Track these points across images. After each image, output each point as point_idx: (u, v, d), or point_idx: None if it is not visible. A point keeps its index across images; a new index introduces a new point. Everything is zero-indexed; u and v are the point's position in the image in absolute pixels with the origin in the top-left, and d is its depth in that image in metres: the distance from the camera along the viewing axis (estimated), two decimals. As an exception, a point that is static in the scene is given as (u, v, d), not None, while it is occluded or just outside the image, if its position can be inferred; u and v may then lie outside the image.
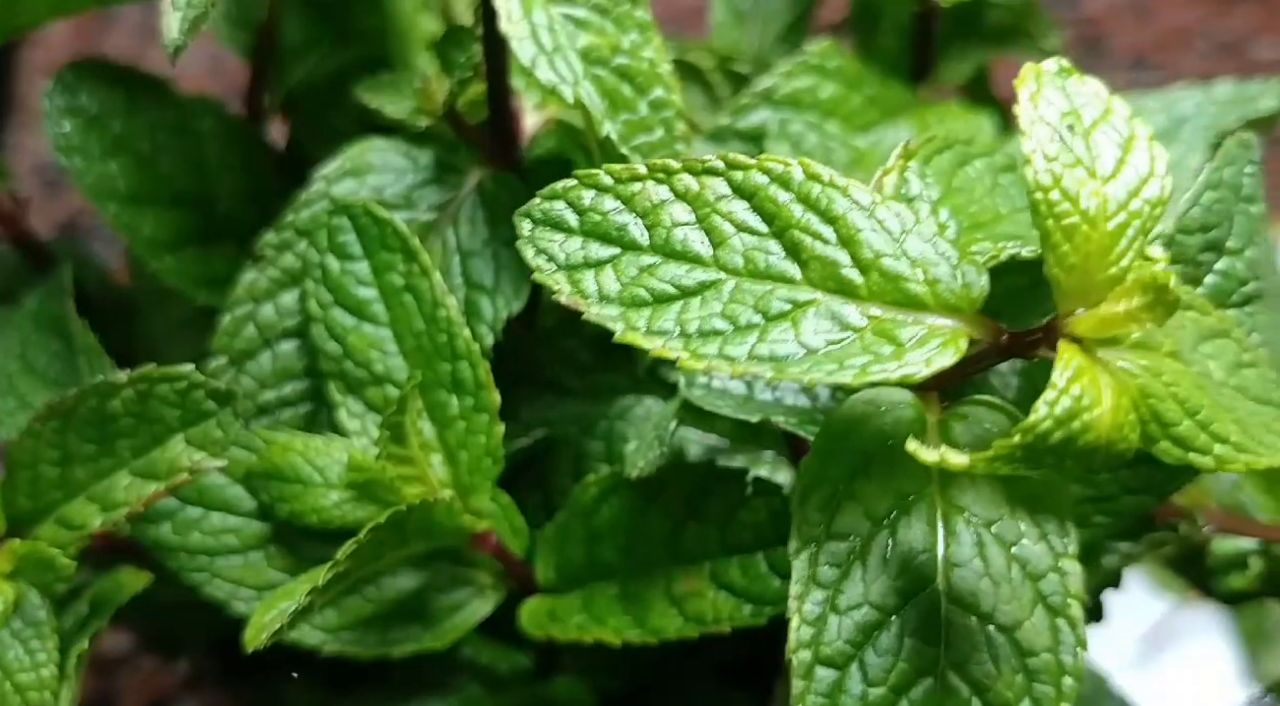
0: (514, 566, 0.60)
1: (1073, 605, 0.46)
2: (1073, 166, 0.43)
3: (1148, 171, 0.44)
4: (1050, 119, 0.43)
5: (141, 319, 0.75)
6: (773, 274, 0.45)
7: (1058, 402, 0.41)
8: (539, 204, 0.46)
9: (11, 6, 0.64)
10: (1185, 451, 0.45)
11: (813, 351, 0.43)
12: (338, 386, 0.58)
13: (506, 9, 0.52)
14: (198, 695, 0.91)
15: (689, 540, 0.57)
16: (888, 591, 0.46)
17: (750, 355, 0.43)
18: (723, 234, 0.45)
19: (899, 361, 0.43)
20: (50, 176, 1.13)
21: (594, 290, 0.45)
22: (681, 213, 0.45)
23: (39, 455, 0.55)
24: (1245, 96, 0.72)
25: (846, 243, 0.44)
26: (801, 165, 0.45)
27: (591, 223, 0.45)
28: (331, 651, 0.59)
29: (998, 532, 0.46)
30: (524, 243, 0.46)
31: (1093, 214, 0.43)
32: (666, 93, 0.56)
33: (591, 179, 0.46)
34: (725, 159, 0.45)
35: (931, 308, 0.44)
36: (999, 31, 0.77)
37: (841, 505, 0.46)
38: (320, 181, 0.62)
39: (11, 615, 0.54)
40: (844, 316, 0.44)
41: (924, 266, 0.44)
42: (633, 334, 0.44)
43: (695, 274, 0.45)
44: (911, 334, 0.44)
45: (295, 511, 0.57)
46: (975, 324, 0.44)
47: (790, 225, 0.45)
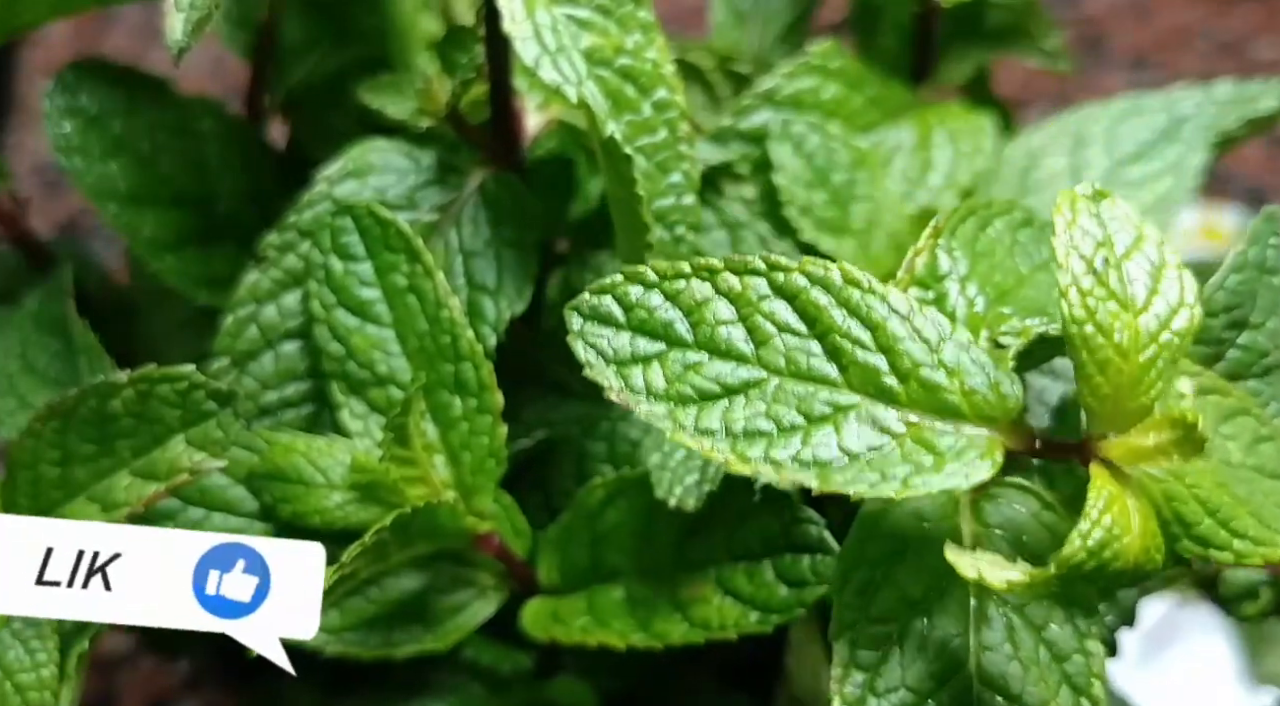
0: (516, 567, 0.60)
1: (1095, 684, 0.47)
2: (1106, 300, 0.44)
3: (1178, 302, 0.45)
4: (1085, 251, 0.44)
5: (141, 319, 0.74)
6: (814, 376, 0.46)
7: (1090, 534, 0.43)
8: (588, 299, 0.47)
9: (11, 6, 0.64)
10: (1205, 548, 0.46)
11: (854, 456, 0.45)
12: (340, 387, 0.58)
13: (509, 9, 0.52)
14: (198, 695, 0.91)
15: (696, 546, 0.57)
16: (923, 675, 0.47)
17: (795, 459, 0.45)
18: (765, 333, 0.46)
19: (939, 473, 0.44)
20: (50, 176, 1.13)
21: (642, 386, 0.46)
22: (725, 311, 0.46)
23: (39, 455, 0.55)
24: (1245, 96, 0.72)
25: (885, 350, 0.46)
26: (841, 270, 0.46)
27: (639, 319, 0.46)
28: (333, 652, 0.59)
29: (1028, 616, 0.48)
30: (574, 337, 0.47)
31: (1125, 347, 0.44)
32: (670, 93, 0.56)
33: (637, 275, 0.47)
34: (767, 260, 0.46)
35: (969, 417, 0.45)
36: (999, 31, 0.77)
37: (879, 589, 0.48)
38: (322, 182, 0.61)
39: (12, 615, 0.54)
40: (884, 421, 0.45)
41: (961, 376, 0.45)
42: (680, 434, 0.45)
43: (739, 372, 0.46)
44: (950, 443, 0.45)
45: (298, 512, 0.57)
46: (1010, 433, 0.46)
47: (831, 329, 0.46)
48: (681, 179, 0.57)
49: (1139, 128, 0.73)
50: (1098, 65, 1.25)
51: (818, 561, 0.54)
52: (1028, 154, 0.73)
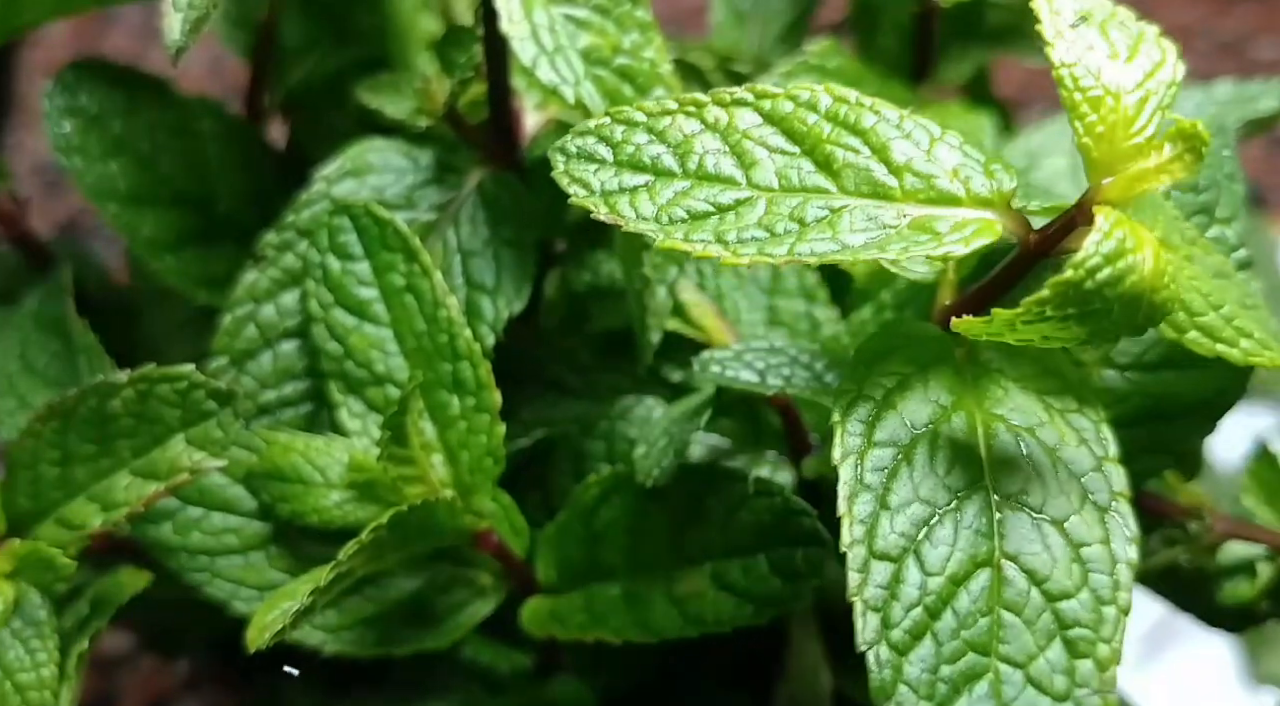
0: (515, 566, 0.60)
1: (1120, 500, 0.47)
2: (1091, 49, 0.45)
3: (1160, 58, 0.46)
4: (1065, 13, 0.45)
5: (141, 319, 0.75)
6: (807, 187, 0.46)
7: (1104, 242, 0.42)
8: (571, 139, 0.47)
9: (11, 6, 0.64)
10: (1214, 342, 0.46)
11: (852, 248, 0.45)
12: (339, 386, 0.58)
13: (507, 9, 0.52)
14: (198, 695, 0.91)
15: (690, 541, 0.57)
16: (937, 487, 0.46)
17: (790, 253, 0.44)
18: (754, 157, 0.46)
19: (939, 243, 0.44)
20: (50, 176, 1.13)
21: (631, 213, 0.46)
22: (712, 142, 0.46)
23: (39, 455, 0.55)
24: (1245, 96, 0.72)
25: (877, 151, 0.46)
26: (827, 90, 0.47)
27: (625, 154, 0.46)
28: (332, 651, 0.59)
29: (1039, 437, 0.47)
30: (559, 175, 0.46)
31: (1114, 88, 0.45)
32: (667, 93, 0.56)
33: (621, 115, 0.47)
34: (753, 90, 0.47)
35: (965, 203, 0.45)
36: (999, 31, 0.77)
37: (882, 416, 0.47)
38: (321, 182, 0.61)
39: (11, 615, 0.54)
40: (881, 217, 0.45)
41: (954, 169, 0.46)
42: (672, 240, 0.45)
43: (730, 193, 0.46)
44: (947, 225, 0.45)
45: (296, 511, 0.57)
46: (1008, 217, 0.46)
47: (820, 142, 0.46)
48: (679, 178, 0.57)
49: (1139, 128, 0.73)
50: (1098, 65, 1.24)
51: (811, 553, 0.54)
52: (1027, 154, 0.73)
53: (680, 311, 0.61)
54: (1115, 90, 0.45)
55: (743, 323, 0.63)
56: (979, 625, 0.45)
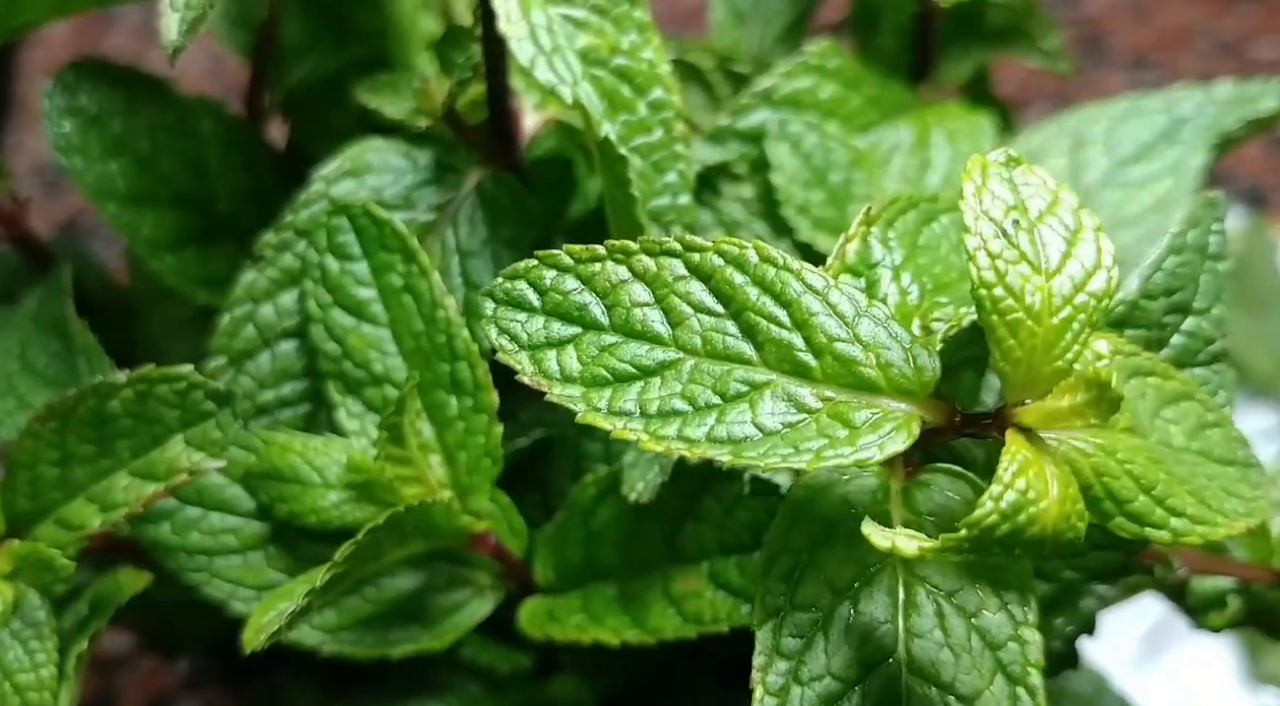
0: (513, 567, 0.60)
1: (1032, 673, 0.46)
2: (1016, 263, 0.43)
3: (1094, 264, 0.44)
4: (995, 214, 0.44)
5: (141, 319, 0.75)
6: (730, 355, 0.45)
7: (1002, 497, 0.42)
8: (501, 284, 0.46)
9: (11, 6, 0.64)
10: (1141, 527, 0.46)
11: (770, 433, 0.44)
12: (337, 387, 0.58)
13: (505, 9, 0.52)
14: (198, 695, 0.91)
15: (687, 540, 0.57)
16: (849, 662, 0.46)
17: (709, 437, 0.44)
18: (681, 314, 0.45)
19: (853, 446, 0.44)
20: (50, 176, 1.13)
21: (556, 371, 0.45)
22: (640, 293, 0.46)
23: (38, 455, 0.55)
24: (1245, 96, 0.72)
25: (800, 326, 0.45)
26: (756, 248, 0.46)
27: (553, 302, 0.46)
28: (331, 651, 0.59)
29: (959, 603, 0.46)
30: (487, 322, 0.46)
31: (1037, 309, 0.43)
32: (665, 93, 0.56)
33: (552, 259, 0.46)
34: (682, 240, 0.46)
35: (885, 391, 0.45)
36: (999, 31, 0.77)
37: (805, 575, 0.47)
38: (319, 182, 0.61)
39: (11, 616, 0.54)
40: (799, 398, 0.45)
41: (877, 351, 0.45)
42: (594, 415, 0.44)
43: (655, 353, 0.45)
44: (865, 417, 0.44)
45: (294, 512, 0.57)
46: (928, 407, 0.45)
47: (746, 307, 0.45)
48: (677, 179, 0.57)
49: (1139, 128, 0.73)
50: (1098, 65, 1.25)
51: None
52: (1027, 154, 0.73)
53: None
54: (1037, 312, 0.43)
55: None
56: None
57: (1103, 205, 0.71)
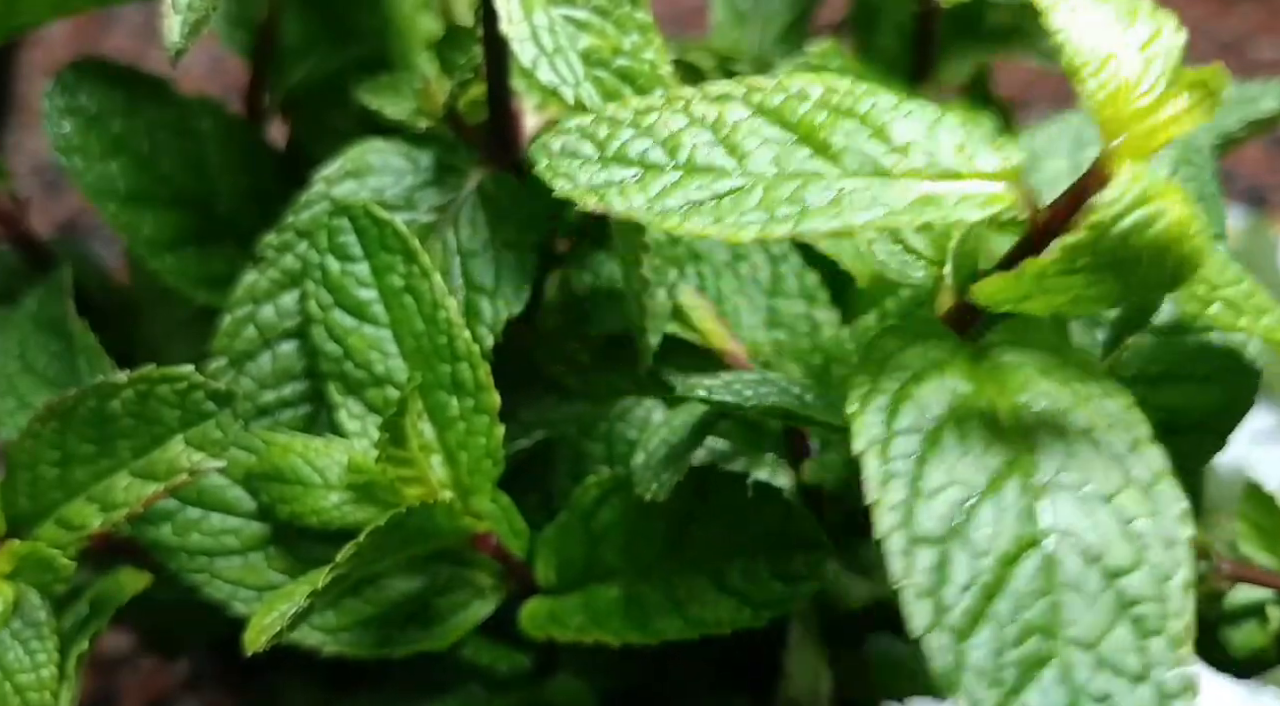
0: (514, 567, 0.60)
1: (1163, 479, 0.43)
2: (1090, 13, 0.44)
3: (1157, 26, 0.45)
4: None
5: (141, 319, 0.75)
6: (804, 171, 0.44)
7: (1130, 187, 0.41)
8: (552, 137, 0.45)
9: (11, 6, 0.64)
10: (1238, 314, 0.45)
11: (857, 224, 0.43)
12: (338, 387, 0.58)
13: (507, 10, 0.52)
14: (198, 695, 0.91)
15: (690, 543, 0.57)
16: (972, 469, 0.43)
17: (795, 230, 0.43)
18: (746, 148, 0.44)
19: (947, 213, 0.43)
20: (50, 176, 1.13)
21: (620, 204, 0.44)
22: (703, 135, 0.45)
23: (39, 455, 0.55)
24: (1246, 97, 0.72)
25: (877, 133, 0.44)
26: (818, 79, 0.45)
27: (611, 150, 0.45)
28: (331, 652, 0.59)
29: (1070, 420, 0.44)
30: (542, 170, 0.45)
31: (1119, 48, 0.43)
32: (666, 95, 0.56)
33: (605, 113, 0.46)
34: (742, 81, 0.45)
35: (972, 177, 0.44)
36: (999, 31, 0.77)
37: (899, 406, 0.44)
38: (320, 183, 0.61)
39: (11, 616, 0.54)
40: (884, 196, 0.43)
41: (959, 144, 0.44)
42: (668, 222, 0.43)
43: (723, 182, 0.44)
44: (954, 198, 0.44)
45: (295, 513, 0.57)
46: (1017, 190, 0.44)
47: (815, 128, 0.44)
48: (678, 179, 0.57)
49: (1139, 129, 0.73)
50: (1098, 65, 1.24)
51: (811, 556, 0.54)
52: (1028, 154, 0.73)
53: (680, 314, 0.61)
54: (1120, 50, 0.43)
55: (743, 325, 0.63)
56: (1038, 607, 0.42)
57: (1103, 205, 0.71)
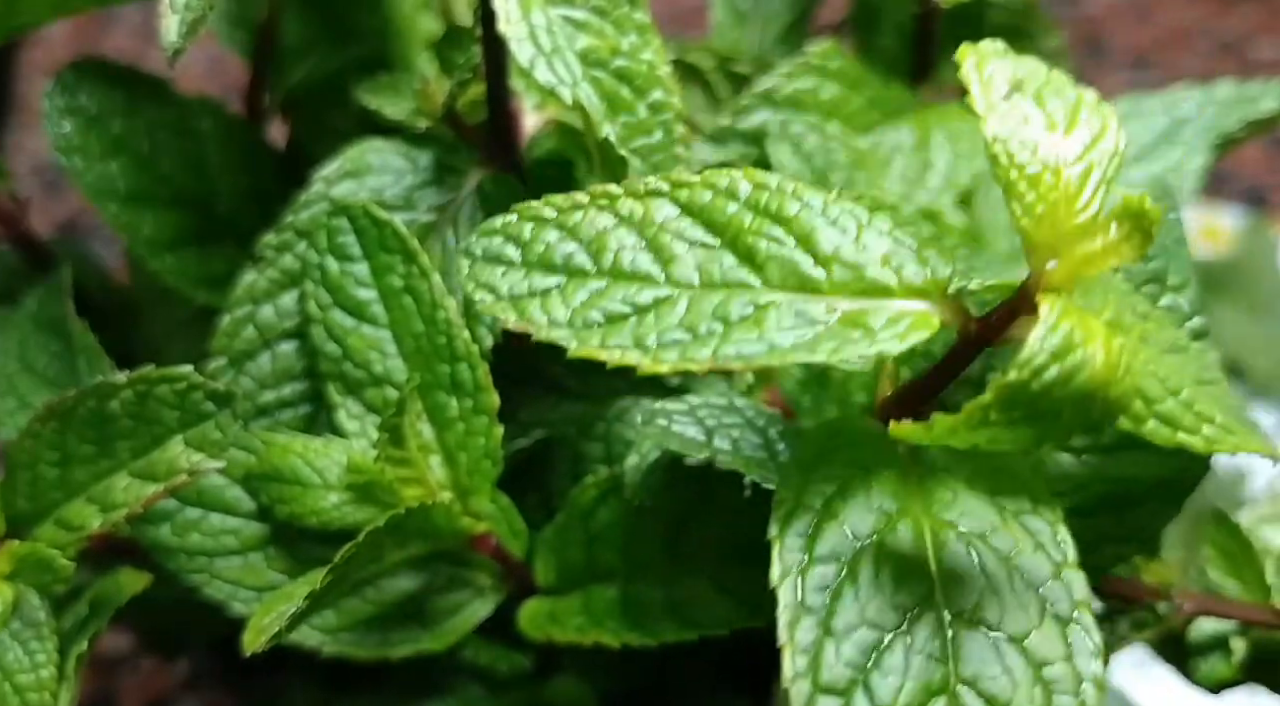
0: (513, 568, 0.60)
1: (1082, 611, 0.43)
2: (1026, 122, 0.41)
3: (1100, 127, 0.43)
4: (997, 83, 0.42)
5: (141, 319, 0.75)
6: (729, 282, 0.43)
7: (1049, 337, 0.39)
8: (477, 240, 0.44)
9: (11, 6, 0.64)
10: (1174, 430, 0.44)
11: (780, 349, 0.42)
12: (337, 388, 0.58)
13: (505, 10, 0.52)
14: (198, 695, 0.91)
15: (688, 544, 0.57)
16: (885, 608, 0.43)
17: (715, 356, 0.42)
18: (672, 252, 0.43)
19: (871, 340, 0.42)
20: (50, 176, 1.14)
21: (543, 318, 0.43)
22: (628, 237, 0.44)
23: (38, 456, 0.55)
24: (1246, 97, 0.72)
25: (802, 241, 0.43)
26: (746, 175, 0.44)
27: (535, 254, 0.44)
28: (331, 652, 0.59)
29: (992, 544, 0.44)
30: (464, 280, 0.44)
31: (1053, 162, 0.41)
32: (666, 95, 0.56)
33: (530, 212, 0.44)
34: (668, 179, 0.44)
35: (898, 293, 0.43)
36: (999, 31, 0.76)
37: (822, 529, 0.44)
38: (320, 183, 0.61)
39: (10, 616, 0.54)
40: (809, 313, 0.42)
41: (885, 256, 0.43)
42: (589, 349, 0.42)
43: (648, 292, 0.43)
44: (880, 319, 0.42)
45: (294, 513, 0.57)
46: (945, 307, 0.43)
47: (742, 232, 0.43)
48: (677, 180, 0.57)
49: (1139, 130, 0.73)
50: (1098, 65, 1.25)
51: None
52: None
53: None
54: (1055, 165, 0.41)
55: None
56: None
57: (1103, 206, 0.72)
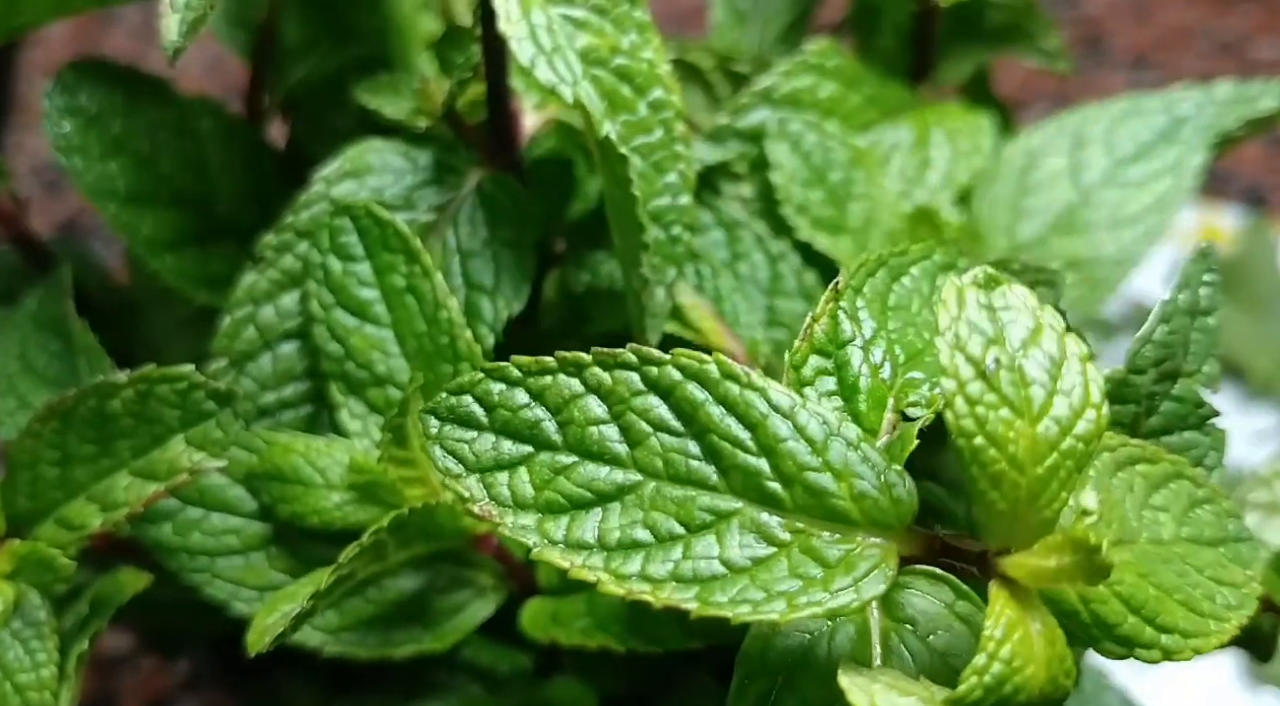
0: (515, 568, 0.60)
1: None
2: (997, 407, 0.40)
3: (1081, 402, 0.41)
4: (973, 351, 0.40)
5: (141, 319, 0.75)
6: (694, 479, 0.43)
7: (988, 670, 0.39)
8: (445, 399, 0.44)
9: (11, 6, 0.64)
10: (1130, 649, 0.44)
11: (738, 570, 0.41)
12: (339, 387, 0.58)
13: (505, 9, 0.52)
14: (198, 695, 0.91)
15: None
16: None
17: (673, 576, 0.41)
18: (640, 432, 0.43)
19: (828, 590, 0.41)
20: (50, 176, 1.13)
21: (508, 497, 0.43)
22: (596, 408, 0.43)
23: (39, 455, 0.55)
24: (1245, 96, 0.72)
25: (767, 451, 0.42)
26: (717, 363, 0.43)
27: (502, 419, 0.43)
28: (332, 652, 0.59)
29: None
30: (431, 442, 0.44)
31: (1020, 459, 0.40)
32: (666, 93, 0.56)
33: (500, 371, 0.44)
34: (638, 352, 0.43)
35: (860, 524, 0.42)
36: (999, 31, 0.77)
37: (780, 699, 0.44)
38: (320, 183, 0.61)
39: (11, 615, 0.54)
40: (768, 529, 0.42)
41: (849, 479, 0.42)
42: (551, 550, 0.42)
43: (614, 475, 0.43)
44: (839, 553, 0.42)
45: (296, 513, 0.57)
46: (906, 539, 0.42)
47: (708, 428, 0.42)
48: (677, 179, 0.57)
49: (1138, 128, 0.73)
50: (1098, 65, 1.25)
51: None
52: (1027, 154, 0.73)
53: (679, 313, 0.61)
54: (1021, 462, 0.40)
55: (741, 324, 0.63)
56: None
57: (1102, 205, 0.72)
